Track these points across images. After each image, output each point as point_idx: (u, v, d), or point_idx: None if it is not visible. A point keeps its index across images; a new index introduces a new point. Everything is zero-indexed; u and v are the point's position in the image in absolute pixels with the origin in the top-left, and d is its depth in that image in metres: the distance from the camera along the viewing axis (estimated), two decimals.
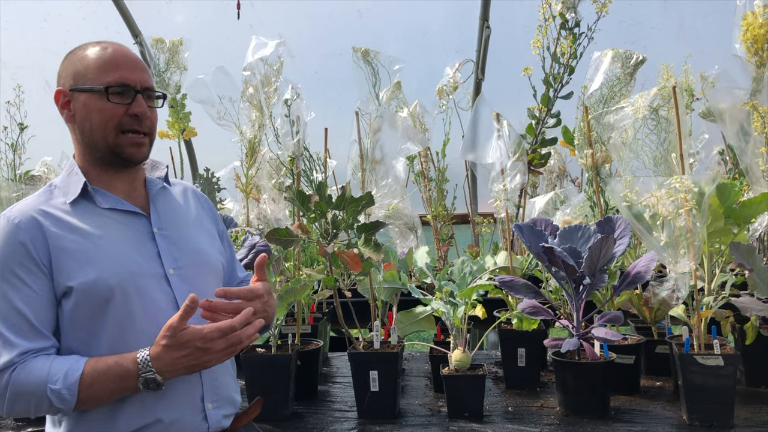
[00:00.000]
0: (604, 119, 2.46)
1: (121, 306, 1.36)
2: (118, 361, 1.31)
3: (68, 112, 1.46)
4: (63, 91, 1.46)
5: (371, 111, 2.92)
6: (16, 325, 1.30)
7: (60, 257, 1.34)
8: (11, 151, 3.27)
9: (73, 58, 1.47)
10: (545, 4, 2.65)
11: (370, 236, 2.17)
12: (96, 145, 1.45)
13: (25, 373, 1.28)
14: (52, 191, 1.45)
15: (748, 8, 2.30)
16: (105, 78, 1.43)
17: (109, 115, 1.42)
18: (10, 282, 1.32)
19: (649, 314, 2.50)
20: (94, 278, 1.34)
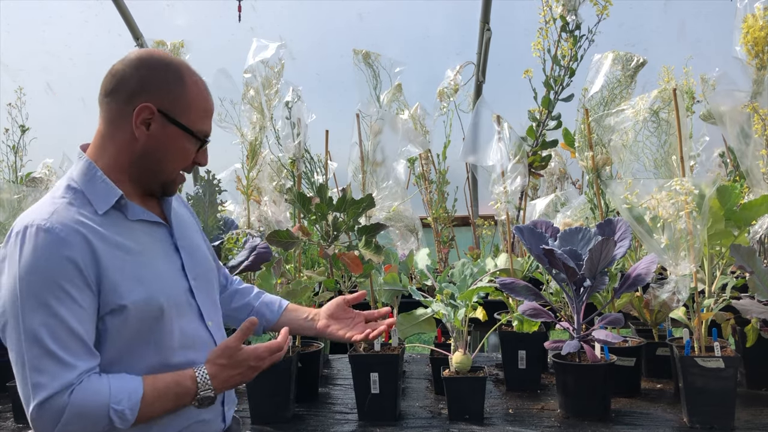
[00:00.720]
0: (605, 122, 2.46)
1: (167, 321, 1.36)
2: (177, 380, 1.32)
3: (144, 129, 1.35)
4: (151, 109, 1.34)
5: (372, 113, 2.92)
6: (69, 344, 1.24)
7: (110, 275, 1.28)
8: (12, 153, 3.28)
9: (169, 74, 1.37)
10: (546, 6, 2.66)
11: (371, 238, 2.18)
12: (156, 173, 1.41)
13: (84, 393, 1.23)
14: (77, 197, 1.34)
15: (749, 11, 2.30)
16: (201, 125, 1.40)
17: (185, 158, 1.41)
18: (61, 299, 1.23)
19: (650, 316, 2.50)
20: (145, 297, 1.32)
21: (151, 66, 1.36)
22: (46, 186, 3.12)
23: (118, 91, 1.35)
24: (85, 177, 1.36)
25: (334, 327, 1.72)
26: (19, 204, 2.79)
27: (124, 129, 1.36)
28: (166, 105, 1.35)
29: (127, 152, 1.37)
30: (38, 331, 1.21)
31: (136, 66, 1.35)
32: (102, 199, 1.34)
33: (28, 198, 2.89)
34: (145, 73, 1.34)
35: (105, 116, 1.38)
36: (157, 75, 1.35)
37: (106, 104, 1.37)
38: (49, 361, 1.21)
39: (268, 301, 1.76)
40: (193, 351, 1.40)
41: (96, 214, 1.32)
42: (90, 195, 1.34)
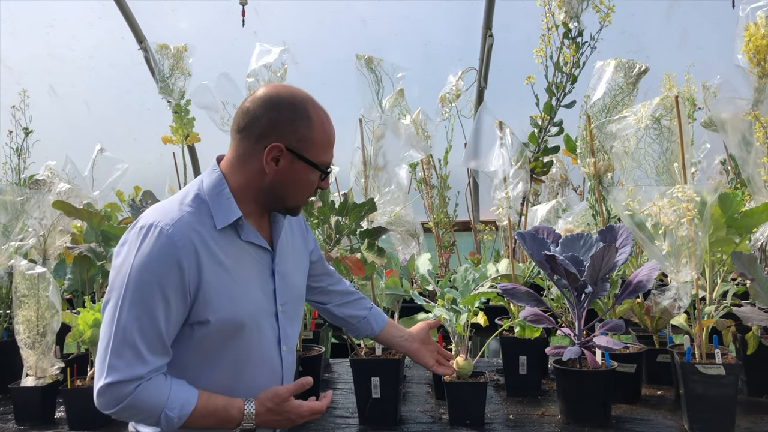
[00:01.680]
0: (607, 128, 2.47)
1: (245, 340, 1.47)
2: (226, 407, 1.43)
3: (273, 165, 1.45)
4: (280, 148, 1.43)
5: (374, 118, 2.93)
6: (152, 341, 1.36)
7: (206, 290, 1.39)
8: (16, 155, 3.28)
9: (296, 115, 1.45)
10: (548, 13, 2.67)
11: (374, 241, 2.18)
12: (283, 201, 1.51)
13: (148, 391, 1.35)
14: (201, 209, 1.44)
15: (751, 19, 2.31)
16: (324, 157, 1.49)
17: (310, 189, 1.52)
18: (159, 301, 1.35)
19: (651, 323, 2.51)
20: (231, 316, 1.43)
21: (281, 107, 1.44)
22: (48, 188, 3.12)
23: (249, 130, 1.45)
24: (214, 191, 1.47)
25: (424, 353, 1.95)
26: (22, 206, 2.80)
27: (254, 163, 1.46)
28: (293, 143, 1.44)
29: (256, 182, 1.48)
30: (131, 322, 1.34)
31: (267, 107, 1.44)
32: (223, 216, 1.44)
33: (30, 200, 2.90)
34: (274, 115, 1.43)
35: (237, 149, 1.48)
36: (285, 116, 1.44)
37: (239, 140, 1.47)
38: (130, 350, 1.34)
39: (376, 313, 1.95)
40: (264, 372, 1.52)
41: (214, 228, 1.43)
42: (213, 209, 1.45)
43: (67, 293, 3.01)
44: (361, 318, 1.92)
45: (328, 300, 1.91)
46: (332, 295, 1.91)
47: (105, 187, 3.54)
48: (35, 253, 3.09)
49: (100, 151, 3.62)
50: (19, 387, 2.33)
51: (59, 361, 2.42)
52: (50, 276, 2.40)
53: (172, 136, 3.46)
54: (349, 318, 1.92)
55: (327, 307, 1.92)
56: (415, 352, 1.94)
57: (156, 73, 3.52)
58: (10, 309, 2.70)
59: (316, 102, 1.49)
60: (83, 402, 2.25)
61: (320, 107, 1.50)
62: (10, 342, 2.54)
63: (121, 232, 2.76)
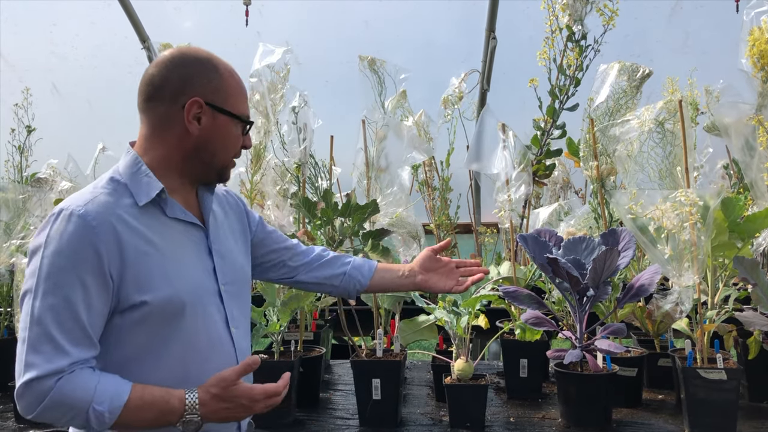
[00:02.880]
0: (610, 132, 2.47)
1: (189, 323, 1.35)
2: (165, 397, 1.29)
3: (197, 124, 1.38)
4: (199, 102, 1.37)
5: (377, 119, 2.93)
6: (71, 331, 1.25)
7: (133, 270, 1.29)
8: (18, 153, 3.28)
9: (206, 68, 1.40)
10: (552, 16, 2.67)
11: (378, 241, 2.19)
12: (211, 164, 1.43)
13: (71, 385, 1.23)
14: (118, 189, 1.35)
15: (755, 23, 2.31)
16: (242, 108, 1.44)
17: (236, 145, 1.45)
18: (75, 286, 1.25)
19: (652, 327, 2.50)
20: (169, 294, 1.32)
21: (186, 63, 1.39)
22: (50, 186, 3.12)
23: (161, 94, 1.38)
24: (130, 170, 1.38)
25: (432, 279, 1.78)
26: (24, 204, 2.80)
27: (174, 127, 1.38)
28: (210, 96, 1.38)
29: (179, 148, 1.40)
30: (45, 312, 1.23)
31: (172, 66, 1.38)
32: (143, 191, 1.35)
33: (32, 198, 2.90)
34: (183, 72, 1.38)
35: (150, 120, 1.41)
36: (194, 70, 1.38)
37: (150, 109, 1.40)
38: (47, 343, 1.23)
39: (357, 265, 1.78)
40: (215, 356, 1.40)
41: (135, 206, 1.34)
42: (132, 187, 1.36)
43: None
44: (341, 275, 1.75)
45: (294, 273, 1.75)
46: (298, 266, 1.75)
47: None
48: None
49: (102, 149, 3.63)
50: None
51: None
52: None
53: None
54: (325, 280, 1.76)
55: (297, 278, 1.76)
56: (423, 284, 1.78)
57: None
58: (10, 307, 2.70)
59: (219, 57, 1.45)
60: None
61: (224, 60, 1.45)
62: (11, 340, 2.54)
63: None
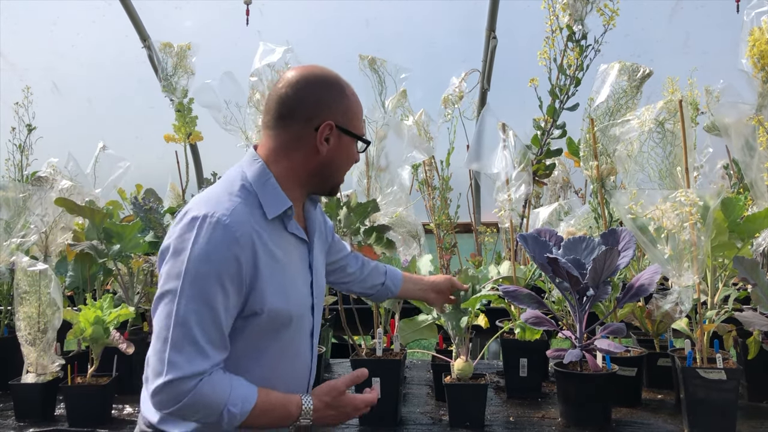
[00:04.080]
0: (610, 131, 2.47)
1: (288, 333, 1.46)
2: (284, 403, 1.41)
3: (325, 144, 1.46)
4: (331, 126, 1.45)
5: (377, 119, 2.93)
6: (212, 335, 1.32)
7: (261, 281, 1.37)
8: (19, 151, 3.28)
9: (337, 92, 1.48)
10: (552, 16, 2.66)
11: (382, 234, 2.21)
12: (329, 180, 1.53)
13: (210, 386, 1.31)
14: (249, 199, 1.41)
15: (755, 24, 2.31)
16: (362, 129, 1.55)
17: (352, 162, 1.55)
18: (218, 294, 1.32)
19: (652, 327, 2.50)
20: (282, 308, 1.42)
21: (320, 85, 1.47)
22: (51, 185, 3.12)
23: (294, 114, 1.45)
24: (260, 180, 1.44)
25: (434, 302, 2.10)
26: (24, 203, 2.80)
27: (304, 147, 1.46)
28: (339, 119, 1.46)
29: (305, 165, 1.47)
30: (189, 315, 1.29)
31: (308, 87, 1.45)
32: (273, 206, 1.43)
33: (33, 197, 2.90)
34: (317, 94, 1.45)
35: (281, 137, 1.47)
36: (326, 93, 1.46)
37: (282, 127, 1.46)
38: (190, 345, 1.29)
39: (392, 275, 2.01)
40: (299, 363, 1.52)
41: (264, 218, 1.41)
42: (263, 199, 1.42)
43: (69, 290, 3.01)
44: (379, 285, 1.97)
45: (349, 279, 1.93)
46: (352, 272, 1.93)
47: (107, 185, 3.54)
48: (37, 250, 3.09)
49: (103, 148, 3.62)
50: (19, 383, 2.33)
51: (60, 358, 2.42)
52: (52, 273, 2.40)
53: (175, 135, 3.46)
54: (369, 289, 1.97)
55: (349, 285, 1.95)
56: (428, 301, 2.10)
57: (159, 71, 3.52)
58: (11, 306, 2.70)
59: (343, 78, 1.53)
60: (83, 399, 2.26)
61: (347, 81, 1.53)
62: (11, 338, 2.54)
63: (123, 229, 2.77)
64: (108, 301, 2.36)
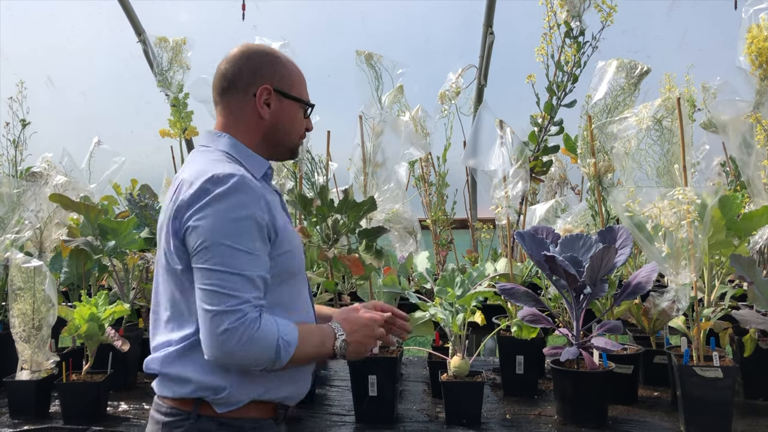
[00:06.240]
0: (608, 129, 2.46)
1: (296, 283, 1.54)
2: (319, 327, 1.51)
3: (267, 109, 1.54)
4: (269, 89, 1.53)
5: (374, 114, 2.92)
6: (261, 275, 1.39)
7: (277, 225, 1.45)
8: (13, 147, 3.26)
9: (271, 59, 1.56)
10: (550, 12, 2.65)
11: (372, 242, 2.17)
12: (281, 144, 1.60)
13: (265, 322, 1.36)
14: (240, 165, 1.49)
15: (753, 21, 2.30)
16: (304, 94, 1.61)
17: (300, 127, 1.62)
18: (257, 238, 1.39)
19: (648, 324, 2.50)
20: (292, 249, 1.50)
21: (255, 56, 1.55)
22: (45, 180, 3.10)
23: (235, 86, 1.54)
24: (235, 149, 1.53)
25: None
26: (18, 198, 2.78)
27: (249, 114, 1.54)
28: (276, 83, 1.55)
29: (255, 131, 1.56)
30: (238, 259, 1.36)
31: (243, 59, 1.55)
32: (256, 167, 1.53)
33: (27, 192, 2.88)
34: (253, 64, 1.54)
35: (227, 110, 1.57)
36: (262, 61, 1.55)
37: (226, 101, 1.56)
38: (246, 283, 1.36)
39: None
40: (305, 304, 1.58)
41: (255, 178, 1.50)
42: (248, 165, 1.52)
43: (63, 286, 2.99)
44: None
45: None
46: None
47: (102, 180, 3.52)
48: (31, 245, 3.07)
49: (98, 143, 3.61)
50: (13, 380, 2.32)
51: (54, 354, 2.40)
52: (46, 269, 2.38)
53: (170, 130, 3.45)
54: None
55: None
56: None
57: (154, 66, 3.50)
58: (5, 302, 2.69)
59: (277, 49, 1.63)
60: (78, 396, 2.24)
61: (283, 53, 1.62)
62: (5, 335, 2.53)
63: (118, 225, 2.75)
64: (103, 298, 2.35)
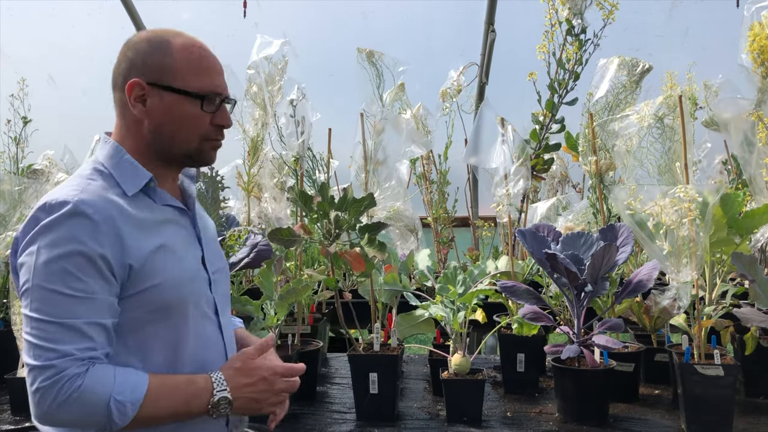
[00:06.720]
0: (609, 126, 2.46)
1: (183, 311, 1.30)
2: (188, 379, 1.25)
3: (141, 107, 1.30)
4: (140, 84, 1.29)
5: (375, 112, 2.92)
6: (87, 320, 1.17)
7: (132, 260, 1.23)
8: (14, 144, 3.26)
9: (152, 48, 1.31)
10: (552, 9, 2.65)
11: (374, 236, 2.17)
12: (173, 147, 1.33)
13: (90, 377, 1.15)
14: (106, 180, 1.29)
15: (756, 19, 2.29)
16: (198, 83, 1.31)
17: (198, 124, 1.33)
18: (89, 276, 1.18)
19: (649, 322, 2.50)
20: (166, 285, 1.26)
21: (135, 46, 1.33)
22: (47, 178, 3.11)
23: (116, 82, 1.34)
24: (113, 160, 1.32)
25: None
26: (19, 196, 2.78)
27: (129, 115, 1.32)
28: (153, 75, 1.30)
29: (137, 135, 1.33)
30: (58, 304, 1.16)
31: (124, 52, 1.33)
32: (130, 181, 1.30)
33: (28, 189, 2.88)
34: (131, 55, 1.32)
35: (117, 111, 1.36)
36: (140, 51, 1.32)
37: (114, 101, 1.36)
38: (64, 332, 1.16)
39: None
40: (204, 348, 1.34)
41: (125, 195, 1.28)
42: (119, 177, 1.30)
43: None
44: None
45: None
46: None
47: None
48: None
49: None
50: (15, 377, 2.32)
51: None
52: None
53: None
54: None
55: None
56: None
57: None
58: (6, 299, 2.69)
59: (184, 34, 1.35)
60: None
61: (187, 35, 1.35)
62: (7, 332, 2.53)
63: None
64: None
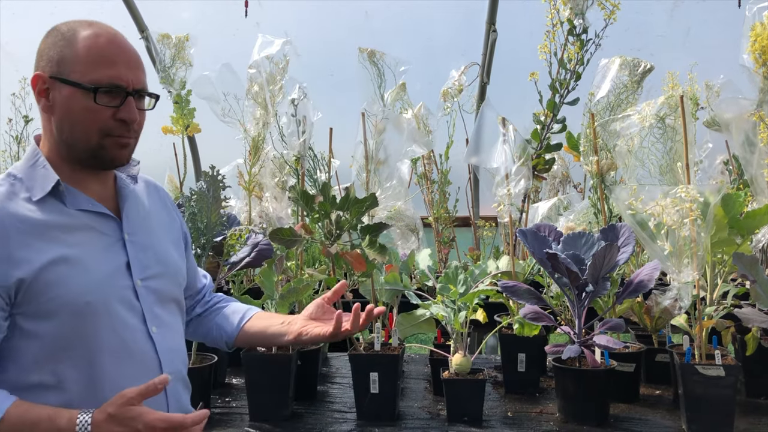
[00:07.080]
0: (611, 126, 2.46)
1: (94, 324, 1.22)
2: (52, 416, 1.14)
3: (45, 101, 1.26)
4: (42, 77, 1.25)
5: (376, 112, 2.92)
6: None
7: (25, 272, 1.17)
8: (16, 143, 3.27)
9: (59, 39, 1.26)
10: (553, 9, 2.65)
11: (375, 237, 2.17)
12: (75, 144, 1.27)
13: None
14: (13, 184, 1.25)
15: (757, 19, 2.29)
16: (94, 74, 1.24)
17: (95, 118, 1.25)
18: None
19: (650, 322, 2.50)
20: (59, 294, 1.19)
21: (46, 38, 1.29)
22: None
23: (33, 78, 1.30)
24: (27, 164, 1.29)
25: (310, 326, 1.50)
26: None
27: (41, 110, 1.30)
28: (54, 68, 1.25)
29: (50, 134, 1.29)
30: None
31: (39, 47, 1.29)
32: (39, 185, 1.25)
33: None
34: (41, 47, 1.28)
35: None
36: (48, 43, 1.28)
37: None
38: None
39: (229, 313, 1.61)
40: (128, 358, 1.26)
41: (31, 201, 1.24)
42: (28, 182, 1.26)
43: None
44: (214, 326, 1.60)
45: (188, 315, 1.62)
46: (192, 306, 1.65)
47: None
48: None
49: None
50: None
51: None
52: None
53: (173, 127, 3.44)
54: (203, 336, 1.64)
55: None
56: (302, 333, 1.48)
57: (157, 62, 3.50)
58: None
59: (97, 24, 1.29)
60: None
61: (100, 25, 1.29)
62: None
63: None
64: None
